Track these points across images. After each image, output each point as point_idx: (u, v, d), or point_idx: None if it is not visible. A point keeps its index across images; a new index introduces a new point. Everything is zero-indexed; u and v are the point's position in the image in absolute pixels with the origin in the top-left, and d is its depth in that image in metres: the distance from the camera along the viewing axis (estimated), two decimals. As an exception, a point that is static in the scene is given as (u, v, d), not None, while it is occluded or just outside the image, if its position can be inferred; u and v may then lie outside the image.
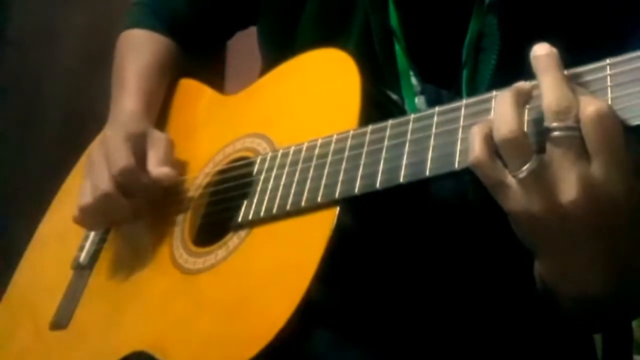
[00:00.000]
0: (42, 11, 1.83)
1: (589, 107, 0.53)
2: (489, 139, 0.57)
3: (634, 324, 0.98)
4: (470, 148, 0.57)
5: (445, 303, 0.78)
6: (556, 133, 0.54)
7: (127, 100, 0.91)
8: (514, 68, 0.60)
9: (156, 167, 0.84)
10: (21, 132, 1.80)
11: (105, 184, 0.82)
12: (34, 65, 1.82)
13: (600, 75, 0.57)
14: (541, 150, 0.56)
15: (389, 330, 0.76)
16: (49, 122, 1.81)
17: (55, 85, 1.82)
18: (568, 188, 0.54)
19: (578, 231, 0.56)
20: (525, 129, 0.56)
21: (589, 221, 0.55)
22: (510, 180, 0.56)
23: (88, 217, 0.85)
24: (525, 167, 0.55)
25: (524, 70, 0.58)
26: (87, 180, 0.85)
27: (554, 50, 0.56)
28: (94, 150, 0.87)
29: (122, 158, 0.82)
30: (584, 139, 0.54)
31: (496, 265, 0.77)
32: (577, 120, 0.54)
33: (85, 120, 0.94)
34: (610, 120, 0.53)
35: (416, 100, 0.78)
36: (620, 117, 0.54)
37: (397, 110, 0.78)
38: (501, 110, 0.56)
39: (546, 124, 0.55)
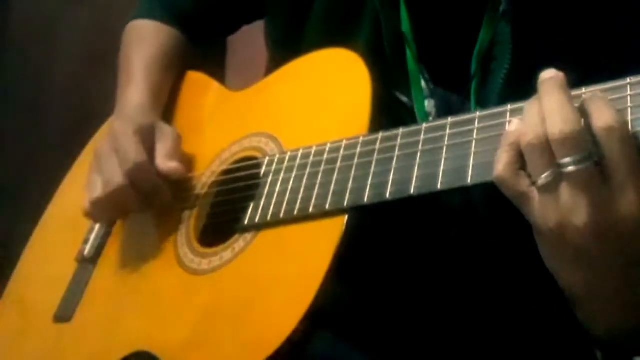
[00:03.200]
0: (44, 11, 1.82)
1: (603, 117, 0.52)
2: (514, 146, 0.56)
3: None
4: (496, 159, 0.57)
5: (447, 307, 0.77)
6: (569, 169, 0.53)
7: (134, 92, 0.90)
8: (526, 77, 0.59)
9: (164, 162, 0.83)
10: (24, 132, 1.80)
11: (118, 177, 0.81)
12: (36, 65, 1.82)
13: (620, 95, 0.55)
14: None
15: (390, 334, 0.76)
16: (52, 122, 1.81)
17: (58, 84, 1.82)
18: (580, 213, 0.53)
19: (592, 253, 0.54)
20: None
21: (604, 246, 0.54)
22: (532, 190, 0.55)
23: (99, 210, 0.84)
24: (544, 175, 0.54)
25: (536, 80, 0.57)
26: (96, 174, 0.84)
27: (560, 74, 0.55)
28: (102, 143, 0.86)
29: (134, 152, 0.82)
30: (598, 163, 0.53)
31: (500, 272, 0.77)
32: (587, 140, 0.52)
33: (88, 119, 0.94)
34: (627, 130, 0.52)
35: (426, 103, 0.77)
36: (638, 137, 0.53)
37: (406, 113, 0.77)
38: (529, 115, 0.55)
39: (557, 159, 0.53)
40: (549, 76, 0.55)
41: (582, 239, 0.54)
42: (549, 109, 0.54)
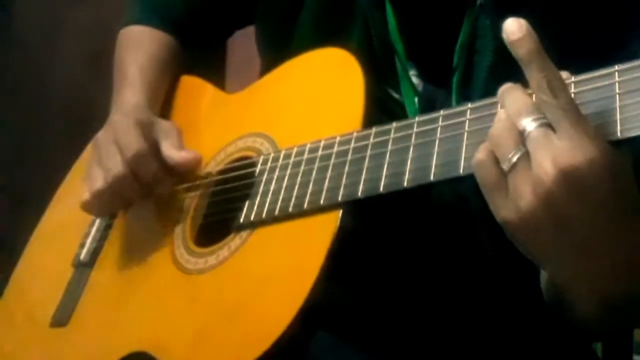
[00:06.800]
0: (46, 10, 1.83)
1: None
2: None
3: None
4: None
5: (446, 306, 0.77)
6: (532, 131, 0.54)
7: (130, 93, 0.90)
8: (509, 69, 0.59)
9: (175, 153, 0.84)
10: (25, 132, 1.80)
11: (118, 166, 0.81)
12: (39, 64, 1.82)
13: (608, 82, 0.56)
14: None
15: (389, 334, 0.76)
16: (54, 122, 1.81)
17: (60, 84, 1.83)
18: (545, 166, 0.53)
19: (571, 212, 0.54)
20: None
21: (577, 200, 0.53)
22: (503, 178, 0.56)
23: (100, 201, 0.84)
24: (511, 154, 0.55)
25: (520, 71, 0.57)
26: (95, 166, 0.84)
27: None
28: (101, 135, 0.86)
29: (135, 142, 0.82)
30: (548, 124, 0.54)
31: (497, 268, 0.77)
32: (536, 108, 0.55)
33: (89, 119, 0.93)
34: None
35: (416, 100, 0.78)
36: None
37: (399, 109, 0.78)
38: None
39: (520, 127, 0.55)
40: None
41: (555, 194, 0.53)
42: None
